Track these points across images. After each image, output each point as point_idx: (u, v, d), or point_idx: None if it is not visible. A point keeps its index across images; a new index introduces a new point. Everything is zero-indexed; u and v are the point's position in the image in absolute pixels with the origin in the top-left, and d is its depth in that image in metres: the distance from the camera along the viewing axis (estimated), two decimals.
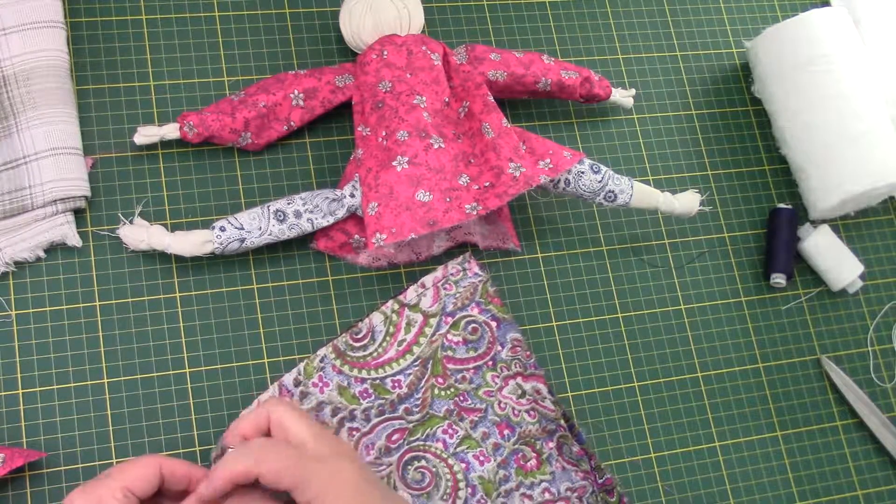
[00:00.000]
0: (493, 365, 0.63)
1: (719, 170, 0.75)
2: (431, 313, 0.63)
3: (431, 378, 0.62)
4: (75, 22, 0.66)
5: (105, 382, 0.60)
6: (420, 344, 0.63)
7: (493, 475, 0.61)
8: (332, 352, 0.62)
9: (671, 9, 0.79)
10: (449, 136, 0.64)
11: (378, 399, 0.61)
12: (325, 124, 0.68)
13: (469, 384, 0.63)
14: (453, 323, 0.63)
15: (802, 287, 0.74)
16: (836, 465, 0.70)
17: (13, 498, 0.56)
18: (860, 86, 0.72)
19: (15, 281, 0.60)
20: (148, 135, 0.62)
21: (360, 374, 0.61)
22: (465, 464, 0.61)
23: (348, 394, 0.61)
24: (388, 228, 0.60)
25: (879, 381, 0.73)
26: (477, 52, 0.68)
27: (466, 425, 0.62)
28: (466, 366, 0.63)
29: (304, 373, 0.61)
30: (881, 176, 0.70)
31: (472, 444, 0.62)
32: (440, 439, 0.62)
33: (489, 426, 0.62)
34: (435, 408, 0.62)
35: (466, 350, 0.63)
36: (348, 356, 0.62)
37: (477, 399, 0.63)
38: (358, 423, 0.61)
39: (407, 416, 0.61)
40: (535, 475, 0.63)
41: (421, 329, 0.63)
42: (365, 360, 0.62)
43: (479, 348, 0.63)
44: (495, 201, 0.61)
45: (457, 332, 0.63)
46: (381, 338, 0.62)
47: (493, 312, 0.65)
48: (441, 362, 0.63)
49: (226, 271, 0.63)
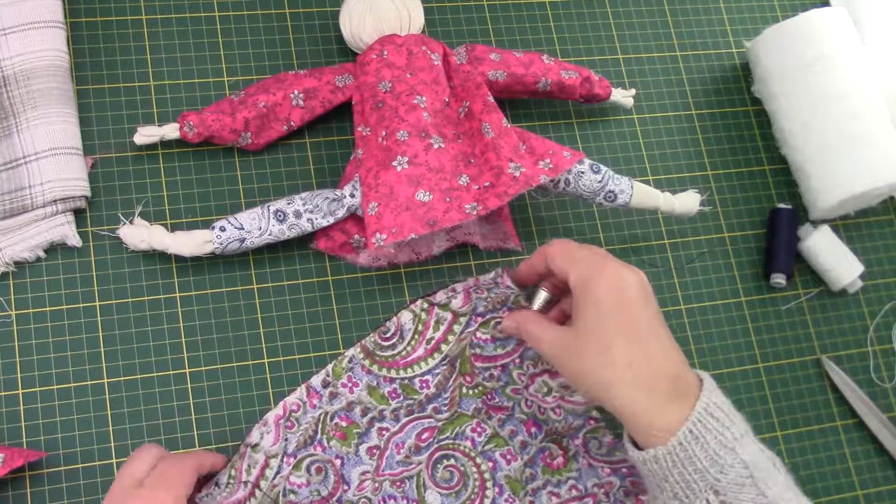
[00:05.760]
0: (520, 363, 0.62)
1: (719, 170, 0.75)
2: (462, 312, 0.63)
3: (459, 377, 0.62)
4: (75, 22, 0.66)
5: (105, 382, 0.60)
6: (448, 342, 0.62)
7: (519, 474, 0.61)
8: (360, 352, 0.62)
9: (671, 9, 0.79)
10: (449, 136, 0.64)
11: (406, 399, 0.61)
12: (325, 124, 0.68)
13: (497, 382, 0.62)
14: (483, 322, 0.62)
15: (802, 287, 0.74)
16: (836, 465, 0.70)
17: (13, 498, 0.56)
18: (860, 86, 0.72)
19: (15, 281, 0.60)
20: (148, 135, 0.62)
21: (388, 373, 0.61)
22: (492, 462, 0.61)
23: (377, 394, 0.61)
24: (388, 228, 0.60)
25: (879, 381, 0.73)
26: (477, 52, 0.68)
27: (494, 423, 0.62)
28: (494, 363, 0.62)
29: (333, 374, 0.61)
30: (881, 176, 0.70)
31: (499, 442, 0.62)
32: (469, 437, 0.62)
33: (516, 424, 0.62)
34: (463, 406, 0.62)
35: (494, 348, 0.62)
36: (377, 356, 0.62)
37: (504, 397, 0.62)
38: (388, 423, 0.61)
39: (436, 415, 0.61)
40: (561, 473, 0.63)
41: (450, 327, 0.62)
42: (394, 359, 0.62)
43: (507, 346, 0.62)
44: (495, 201, 0.61)
45: (486, 330, 0.62)
46: (410, 336, 0.62)
47: None
48: (469, 360, 0.62)
49: (226, 271, 0.63)
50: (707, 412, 0.51)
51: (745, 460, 0.51)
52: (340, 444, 0.59)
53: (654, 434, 0.51)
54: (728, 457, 0.51)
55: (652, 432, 0.52)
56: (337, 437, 0.59)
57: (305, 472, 0.58)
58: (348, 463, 0.59)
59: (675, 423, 0.51)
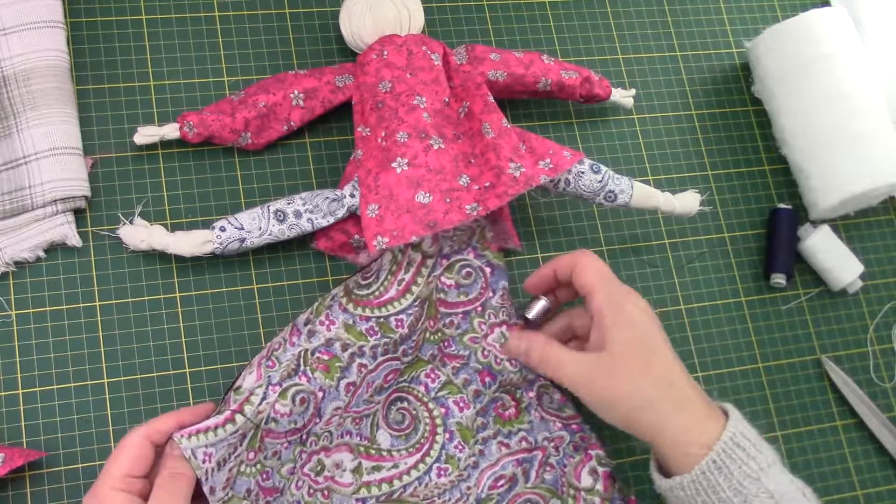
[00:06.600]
0: (482, 311, 0.62)
1: (719, 170, 0.75)
2: (429, 254, 0.62)
3: (426, 321, 0.62)
4: (75, 22, 0.66)
5: (105, 382, 0.60)
6: (418, 284, 0.62)
7: (471, 422, 0.61)
8: (341, 290, 0.61)
9: (671, 9, 0.79)
10: (449, 137, 0.64)
11: (384, 337, 0.60)
12: (325, 124, 0.68)
13: (456, 329, 0.62)
14: (448, 265, 0.63)
15: (802, 287, 0.74)
16: (836, 465, 0.70)
17: (13, 498, 0.56)
18: (860, 86, 0.72)
19: (15, 281, 0.60)
20: (148, 135, 0.62)
21: (364, 312, 0.60)
22: (444, 408, 0.61)
23: (355, 331, 0.60)
24: (389, 231, 0.60)
25: (879, 381, 0.73)
26: (477, 52, 0.68)
27: (448, 371, 0.62)
28: (455, 310, 0.63)
29: (315, 311, 0.60)
30: (881, 176, 0.70)
31: (453, 389, 0.62)
32: (423, 383, 0.62)
33: (471, 373, 0.62)
34: (422, 351, 0.62)
35: (458, 294, 0.62)
36: (354, 294, 0.61)
37: (461, 346, 0.62)
38: (366, 359, 0.60)
39: (402, 358, 0.61)
40: (513, 424, 0.63)
41: (419, 269, 0.62)
42: (367, 298, 0.61)
43: (471, 293, 0.63)
44: (495, 201, 0.61)
45: (450, 275, 0.62)
46: (384, 276, 0.62)
47: (488, 258, 0.64)
48: (434, 304, 0.62)
49: (226, 271, 0.63)
50: (733, 441, 0.52)
51: (772, 490, 0.51)
52: (324, 376, 0.58)
53: (692, 453, 0.52)
54: (753, 487, 0.51)
55: (692, 450, 0.52)
56: (320, 369, 0.58)
57: (290, 402, 0.56)
58: (328, 397, 0.58)
59: (712, 439, 0.52)
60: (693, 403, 0.54)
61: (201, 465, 0.52)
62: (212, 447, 0.53)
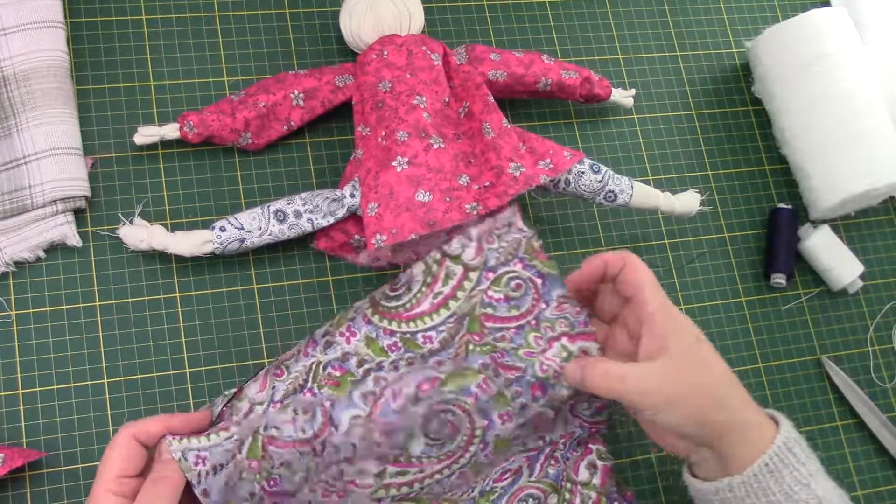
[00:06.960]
0: (537, 325, 0.58)
1: (719, 170, 0.75)
2: (472, 266, 0.58)
3: (467, 335, 0.57)
4: (75, 22, 0.66)
5: (105, 382, 0.60)
6: (458, 298, 0.58)
7: (508, 434, 0.58)
8: (366, 302, 0.58)
9: (671, 9, 0.79)
10: (449, 136, 0.64)
11: (408, 353, 0.57)
12: (325, 124, 0.68)
13: (509, 343, 0.58)
14: (495, 279, 0.58)
15: (802, 287, 0.74)
16: (836, 465, 0.70)
17: (13, 498, 0.56)
18: (860, 86, 0.72)
19: (15, 281, 0.60)
20: (148, 135, 0.62)
21: (389, 325, 0.57)
22: (487, 421, 0.57)
23: (376, 346, 0.56)
24: (388, 229, 0.60)
25: (879, 381, 0.73)
26: (477, 52, 0.68)
27: (501, 382, 0.57)
28: (507, 325, 0.58)
29: (336, 323, 0.57)
30: (881, 176, 0.70)
31: (501, 401, 0.57)
32: (473, 393, 0.56)
33: (524, 386, 0.57)
34: (469, 361, 0.57)
35: (508, 308, 0.58)
36: (381, 305, 0.57)
37: (516, 358, 0.57)
38: (385, 372, 0.56)
39: (438, 368, 0.56)
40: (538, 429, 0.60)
41: (460, 283, 0.58)
42: (397, 310, 0.57)
43: (522, 306, 0.58)
44: (495, 201, 0.61)
45: (498, 288, 0.58)
46: (418, 288, 0.58)
47: (538, 268, 0.59)
48: (479, 320, 0.58)
49: (226, 271, 0.63)
50: (786, 446, 0.52)
51: (820, 496, 0.52)
52: (333, 390, 0.54)
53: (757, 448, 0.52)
54: (803, 493, 0.52)
55: (759, 446, 0.52)
56: (329, 384, 0.55)
57: (292, 412, 0.54)
58: (339, 405, 0.54)
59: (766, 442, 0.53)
60: (751, 404, 0.54)
61: (193, 467, 0.50)
62: (205, 451, 0.51)
